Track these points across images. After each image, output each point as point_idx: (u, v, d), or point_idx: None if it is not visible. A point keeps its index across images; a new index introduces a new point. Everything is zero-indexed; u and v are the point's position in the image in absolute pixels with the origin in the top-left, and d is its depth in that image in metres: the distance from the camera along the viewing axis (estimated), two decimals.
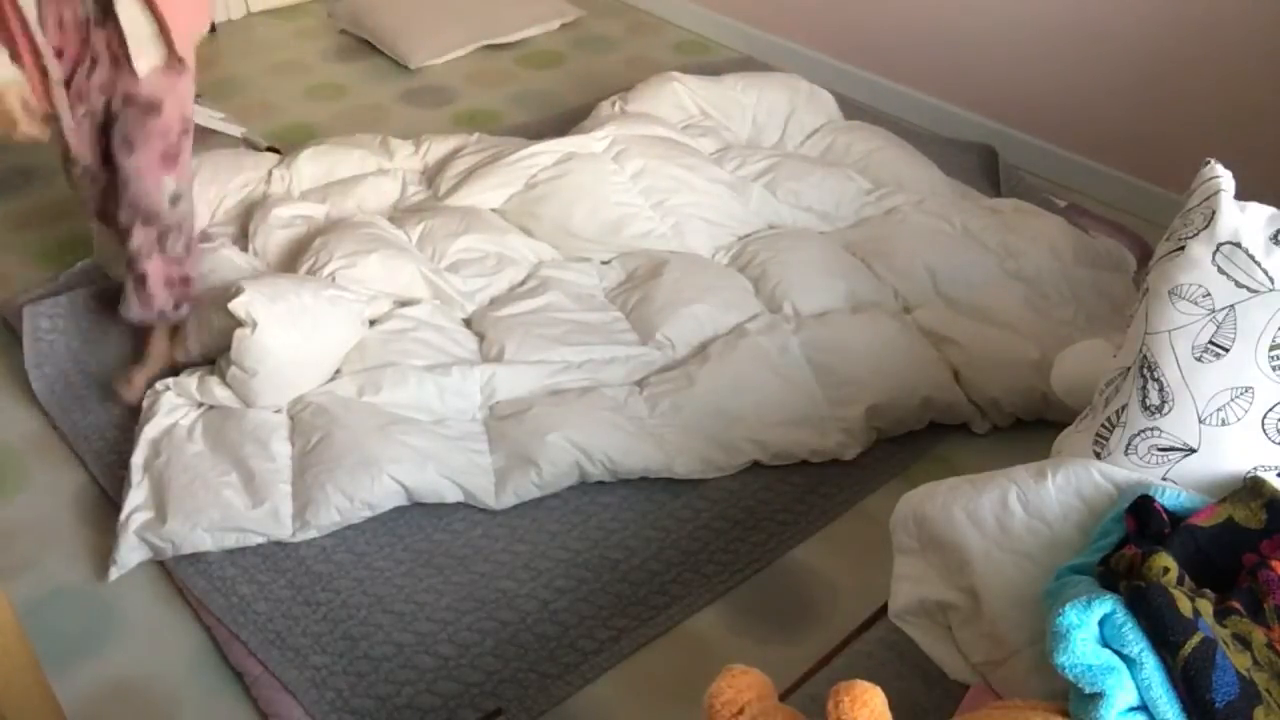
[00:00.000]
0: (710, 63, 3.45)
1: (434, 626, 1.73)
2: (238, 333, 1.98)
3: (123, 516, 1.83)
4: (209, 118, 3.02)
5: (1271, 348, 1.22)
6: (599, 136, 2.64)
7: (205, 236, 2.44)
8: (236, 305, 1.98)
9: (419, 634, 1.72)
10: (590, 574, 1.83)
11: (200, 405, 2.03)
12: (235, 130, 3.02)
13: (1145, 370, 1.29)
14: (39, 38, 1.75)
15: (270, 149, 2.92)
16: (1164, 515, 1.18)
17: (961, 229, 2.52)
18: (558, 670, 1.68)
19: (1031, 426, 2.13)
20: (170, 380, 2.07)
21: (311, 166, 2.62)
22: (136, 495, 1.85)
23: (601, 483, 1.98)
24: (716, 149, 2.78)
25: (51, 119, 1.85)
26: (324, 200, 2.51)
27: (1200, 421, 1.25)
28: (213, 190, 2.52)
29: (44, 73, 1.80)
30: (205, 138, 3.02)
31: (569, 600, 1.79)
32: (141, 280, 2.03)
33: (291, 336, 1.99)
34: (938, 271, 2.38)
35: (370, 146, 2.73)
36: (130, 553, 1.80)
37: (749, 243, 2.48)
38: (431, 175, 2.69)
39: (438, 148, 2.76)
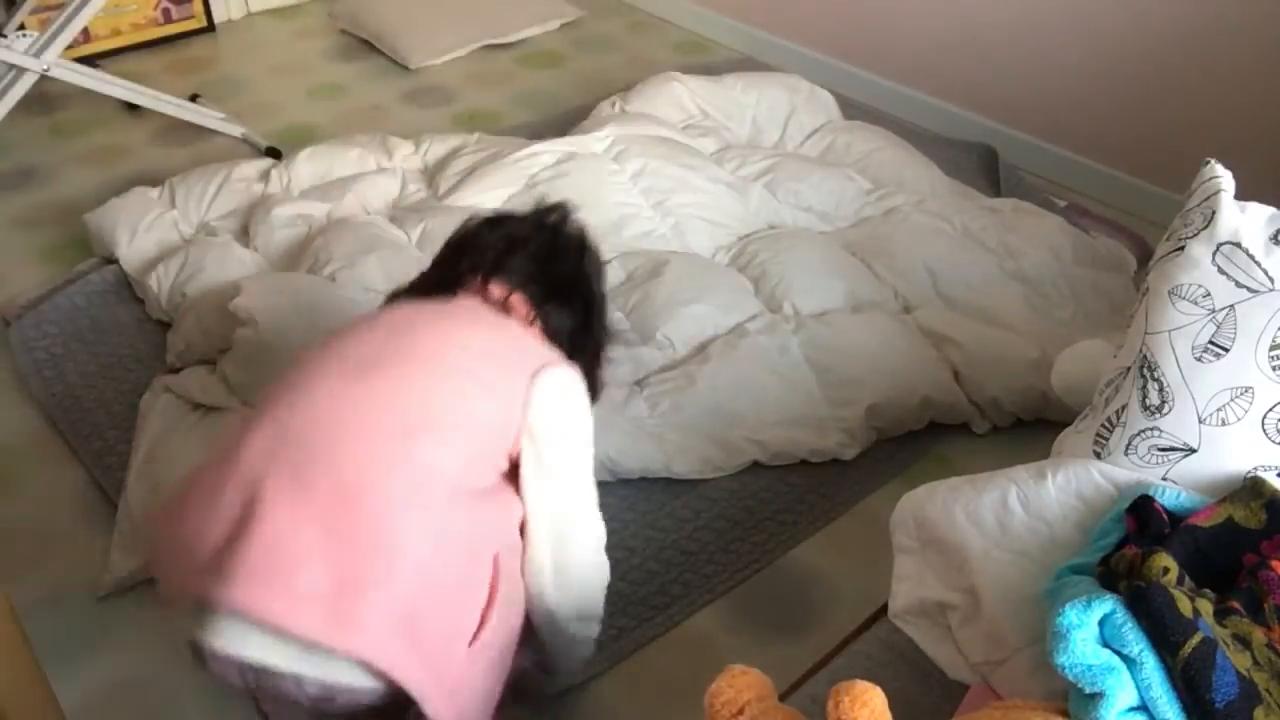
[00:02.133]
0: (710, 63, 3.45)
1: None
2: (238, 332, 1.98)
3: (116, 535, 1.82)
4: (208, 117, 3.02)
5: (1271, 348, 1.22)
6: (599, 136, 2.64)
7: (209, 230, 2.44)
8: (237, 305, 1.98)
9: None
10: None
11: (199, 407, 2.03)
12: (235, 131, 3.02)
13: (1145, 370, 1.29)
14: None
15: (270, 150, 2.92)
16: (1164, 515, 1.18)
17: (961, 229, 2.52)
18: None
19: (1031, 426, 2.13)
20: (170, 380, 2.07)
21: (309, 166, 2.61)
22: (134, 503, 1.85)
23: (602, 482, 1.98)
24: (716, 149, 2.78)
25: None
26: (324, 199, 2.51)
27: (1200, 421, 1.25)
28: (211, 186, 2.53)
29: None
30: (205, 138, 3.02)
31: None
32: None
33: (292, 336, 1.99)
34: (938, 271, 2.38)
35: (369, 145, 2.73)
36: (125, 570, 1.79)
37: (749, 243, 2.48)
38: (431, 175, 2.68)
39: (437, 147, 2.76)
